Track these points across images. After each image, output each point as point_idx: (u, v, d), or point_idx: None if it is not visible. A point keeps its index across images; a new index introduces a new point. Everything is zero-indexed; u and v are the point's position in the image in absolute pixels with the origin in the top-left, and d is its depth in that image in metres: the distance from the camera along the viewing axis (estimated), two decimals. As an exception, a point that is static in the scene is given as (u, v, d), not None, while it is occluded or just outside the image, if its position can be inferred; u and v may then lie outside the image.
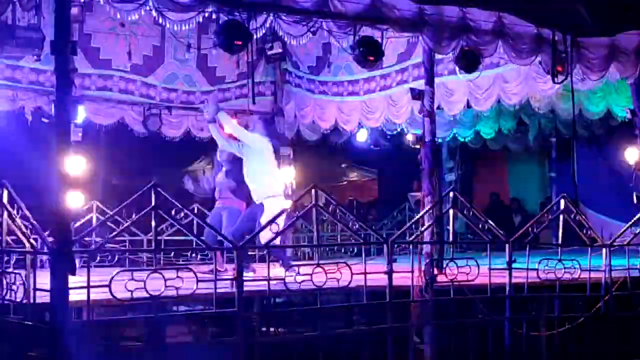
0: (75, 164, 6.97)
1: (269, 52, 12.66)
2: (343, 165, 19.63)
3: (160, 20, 7.77)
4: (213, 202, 10.68)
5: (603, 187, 15.18)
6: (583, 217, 9.64)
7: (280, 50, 12.54)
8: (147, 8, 7.50)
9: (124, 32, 11.67)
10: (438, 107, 10.18)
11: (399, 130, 13.95)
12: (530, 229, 9.13)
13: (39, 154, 13.30)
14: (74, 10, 7.01)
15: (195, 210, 11.60)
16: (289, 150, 13.39)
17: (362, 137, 14.57)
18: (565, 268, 8.94)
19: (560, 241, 9.24)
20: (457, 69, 9.77)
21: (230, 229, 9.53)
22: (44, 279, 6.76)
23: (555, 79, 9.45)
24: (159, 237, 7.54)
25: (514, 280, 8.71)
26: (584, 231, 9.37)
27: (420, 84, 10.21)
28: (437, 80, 9.79)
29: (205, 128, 12.85)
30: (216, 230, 8.40)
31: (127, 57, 11.80)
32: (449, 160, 16.83)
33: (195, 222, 9.50)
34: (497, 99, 11.18)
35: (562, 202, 9.21)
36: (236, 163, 10.01)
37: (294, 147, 13.75)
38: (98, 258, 10.70)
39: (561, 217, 9.21)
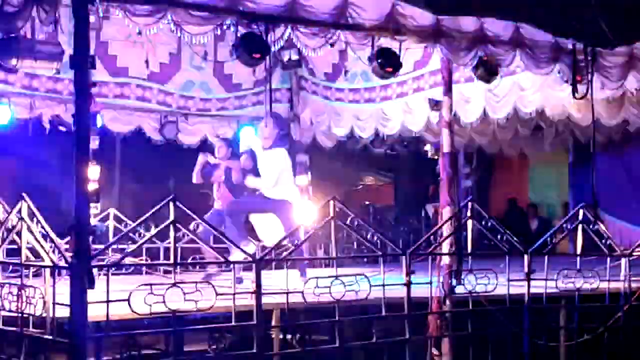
0: (92, 173, 6.96)
1: (285, 59, 12.65)
2: (359, 170, 19.62)
3: (179, 34, 7.76)
4: None
5: (621, 193, 15.12)
6: (602, 225, 9.60)
7: (296, 57, 12.53)
8: (165, 22, 7.52)
9: (141, 40, 11.68)
10: (454, 115, 10.14)
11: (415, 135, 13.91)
12: (548, 238, 9.13)
13: (57, 162, 13.46)
14: (91, 19, 7.01)
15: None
16: (306, 157, 13.39)
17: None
18: (584, 278, 8.93)
19: (579, 251, 9.21)
20: (474, 76, 9.72)
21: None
22: (62, 288, 6.80)
23: (576, 94, 9.42)
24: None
25: (532, 291, 8.69)
26: (603, 241, 9.34)
27: (436, 92, 10.22)
28: (453, 87, 9.76)
29: (221, 135, 12.98)
30: (234, 243, 8.37)
31: (145, 65, 11.81)
32: (466, 165, 16.80)
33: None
34: (514, 107, 11.15)
35: (581, 212, 9.17)
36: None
37: (310, 154, 13.76)
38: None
39: (580, 227, 9.18)
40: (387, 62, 8.58)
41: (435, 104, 9.39)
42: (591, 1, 9.06)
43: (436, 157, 10.94)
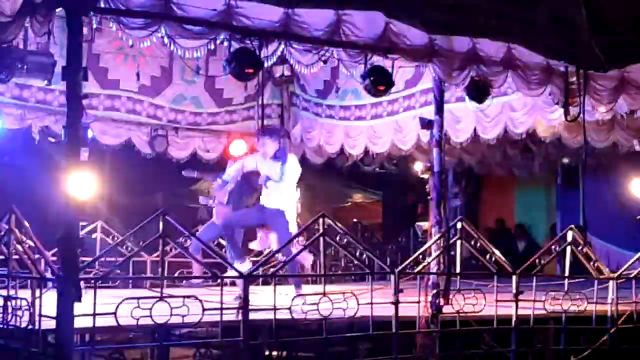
0: (83, 185, 6.93)
1: (277, 75, 12.67)
2: (348, 187, 19.60)
3: (172, 47, 7.76)
4: None
5: (609, 216, 15.14)
6: (590, 248, 9.63)
7: (288, 73, 12.55)
8: (159, 35, 7.51)
9: (133, 53, 11.67)
10: (444, 135, 10.15)
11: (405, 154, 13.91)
12: (536, 259, 9.15)
13: (45, 173, 13.38)
14: (84, 31, 7.01)
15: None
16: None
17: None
18: (571, 300, 8.94)
19: (567, 273, 9.23)
20: (465, 96, 9.74)
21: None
22: (48, 300, 6.75)
23: (568, 117, 9.46)
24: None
25: (520, 312, 8.69)
26: (592, 263, 9.36)
27: (427, 111, 10.23)
28: (444, 107, 9.77)
29: (211, 149, 12.98)
30: (221, 256, 8.34)
31: (136, 78, 11.80)
32: (455, 185, 16.83)
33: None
34: (504, 128, 11.18)
35: (570, 234, 9.19)
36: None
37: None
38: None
39: (568, 248, 9.20)
40: (380, 80, 8.58)
41: (426, 123, 9.39)
42: (584, 25, 9.11)
43: (425, 175, 10.95)
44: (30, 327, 6.76)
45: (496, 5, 8.95)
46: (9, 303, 6.97)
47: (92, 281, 7.02)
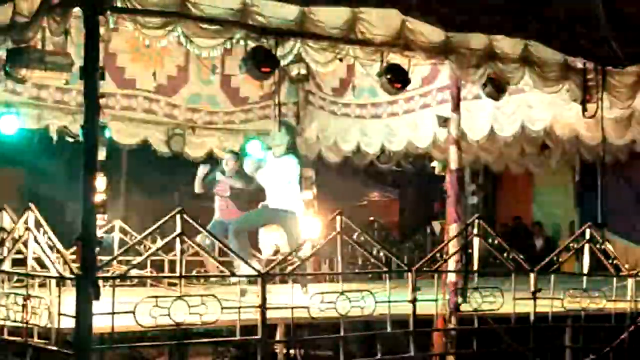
0: (99, 184, 6.96)
1: (293, 73, 12.66)
2: (364, 185, 19.60)
3: (188, 47, 7.77)
4: None
5: (627, 213, 15.07)
6: (608, 245, 9.59)
7: (304, 72, 12.54)
8: (175, 34, 7.53)
9: (149, 53, 11.71)
10: (461, 132, 10.11)
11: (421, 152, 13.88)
12: (554, 257, 9.12)
13: (63, 173, 13.48)
14: (100, 30, 7.03)
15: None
16: (311, 172, 13.39)
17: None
18: (590, 298, 8.91)
19: (585, 270, 9.20)
20: (482, 93, 9.71)
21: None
22: (67, 299, 6.78)
23: (586, 114, 9.41)
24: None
25: (538, 310, 8.66)
26: (610, 260, 9.32)
27: (444, 109, 10.20)
28: (461, 104, 9.74)
29: (227, 148, 12.97)
30: (239, 257, 8.33)
31: (153, 78, 11.83)
32: (471, 183, 16.78)
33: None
34: (521, 125, 11.12)
35: (588, 231, 9.16)
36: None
37: (316, 169, 13.76)
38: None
39: (586, 246, 9.17)
40: (396, 78, 8.57)
41: (443, 121, 9.36)
42: (602, 21, 9.05)
43: (442, 173, 10.93)
44: (49, 326, 6.78)
45: (513, 1, 8.91)
46: (28, 302, 6.99)
47: (111, 280, 7.03)
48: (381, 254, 9.69)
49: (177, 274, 7.23)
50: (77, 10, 7.08)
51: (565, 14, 9.21)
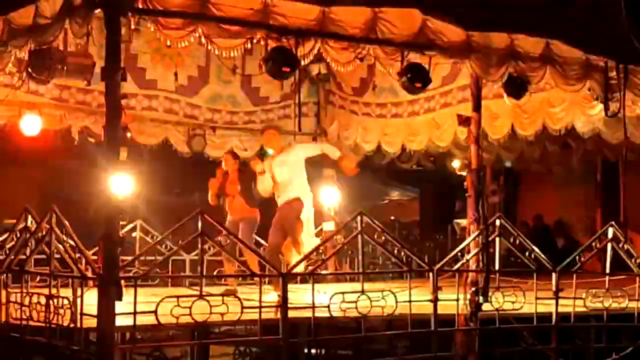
0: (121, 185, 7.00)
1: (313, 73, 12.67)
2: (385, 185, 19.58)
3: (209, 47, 7.80)
4: None
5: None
6: (631, 244, 9.52)
7: (324, 71, 12.55)
8: (196, 35, 7.55)
9: (170, 53, 11.74)
10: (482, 131, 10.08)
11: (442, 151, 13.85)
12: (577, 256, 9.08)
13: (85, 173, 13.52)
14: (122, 31, 7.07)
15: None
16: (332, 172, 13.38)
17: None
18: (612, 297, 8.86)
19: (607, 270, 9.14)
20: (503, 92, 9.66)
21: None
22: (89, 298, 6.83)
23: (608, 112, 9.36)
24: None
25: (560, 309, 8.62)
26: (633, 260, 9.26)
27: (465, 108, 10.17)
28: (482, 103, 9.71)
29: (248, 148, 13.01)
30: (259, 255, 8.37)
31: (173, 78, 11.87)
32: (493, 182, 16.71)
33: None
34: (542, 124, 11.08)
35: (610, 230, 9.11)
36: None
37: (336, 168, 13.72)
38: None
39: (609, 245, 9.12)
40: (417, 78, 8.56)
41: (463, 120, 9.33)
42: (623, 19, 8.99)
43: (463, 172, 10.89)
44: (72, 325, 6.83)
45: (534, 0, 8.87)
46: (51, 302, 7.04)
47: (132, 280, 7.07)
48: (402, 253, 9.66)
49: (198, 274, 7.25)
50: (98, 11, 7.11)
51: (587, 12, 9.16)
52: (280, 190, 9.48)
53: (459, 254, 8.78)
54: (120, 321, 6.67)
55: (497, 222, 8.66)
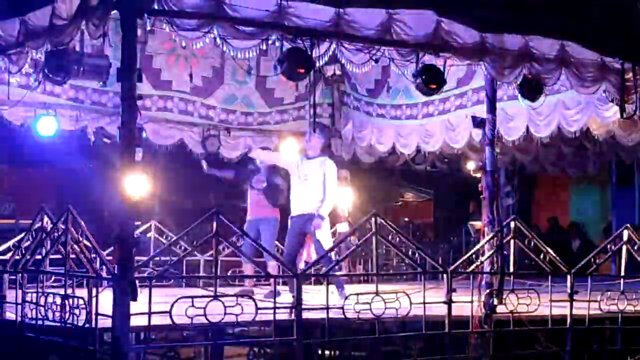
0: (138, 185, 7.03)
1: (328, 74, 12.66)
2: (399, 186, 19.56)
3: (224, 48, 7.82)
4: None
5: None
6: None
7: (339, 73, 12.55)
8: (212, 36, 7.58)
9: (185, 54, 11.77)
10: (497, 133, 10.06)
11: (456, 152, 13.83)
12: (592, 259, 9.06)
13: (101, 173, 13.59)
14: (138, 32, 7.10)
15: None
16: (346, 173, 13.38)
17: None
18: (628, 300, 8.83)
19: (622, 272, 9.12)
20: (517, 94, 9.65)
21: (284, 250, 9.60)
22: (104, 298, 6.85)
23: (624, 114, 9.33)
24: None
25: (575, 312, 8.60)
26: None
27: (479, 110, 10.15)
28: (497, 105, 9.69)
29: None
30: (274, 256, 8.38)
31: (188, 79, 11.89)
32: (507, 184, 16.67)
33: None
34: (557, 126, 11.04)
35: (626, 232, 9.08)
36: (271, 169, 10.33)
37: (350, 169, 13.74)
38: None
39: (624, 247, 9.09)
40: (431, 79, 8.55)
41: (478, 122, 9.31)
42: (638, 20, 8.97)
43: (478, 174, 10.86)
44: (87, 325, 6.85)
45: (549, 1, 8.85)
46: (66, 302, 7.08)
47: (147, 280, 7.09)
48: (416, 255, 9.66)
49: (213, 274, 7.27)
50: (114, 12, 7.15)
51: (603, 14, 9.13)
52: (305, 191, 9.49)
53: (474, 255, 8.76)
54: (134, 321, 6.69)
55: (512, 224, 8.63)
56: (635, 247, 9.16)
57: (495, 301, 8.48)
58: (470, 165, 14.24)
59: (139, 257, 7.70)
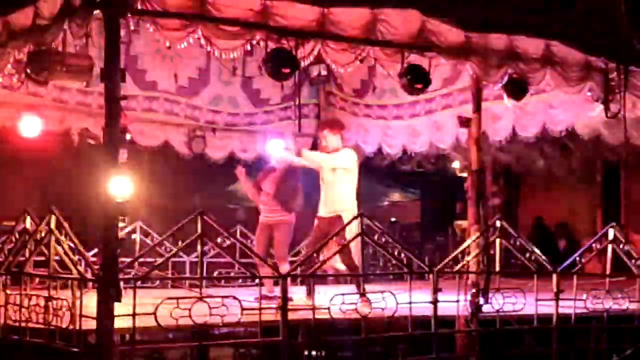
0: (122, 187, 7.00)
1: (313, 75, 12.63)
2: (385, 186, 19.56)
3: (209, 48, 7.79)
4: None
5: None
6: (631, 245, 9.52)
7: (324, 73, 12.51)
8: (196, 36, 7.55)
9: (170, 55, 11.71)
10: (482, 133, 10.08)
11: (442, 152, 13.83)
12: (577, 258, 9.07)
13: (85, 174, 13.50)
14: (121, 33, 7.07)
15: (238, 233, 11.61)
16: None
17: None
18: (613, 299, 8.85)
19: (608, 271, 9.14)
20: (503, 94, 9.66)
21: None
22: (88, 300, 6.81)
23: (608, 114, 9.35)
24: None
25: (560, 311, 8.62)
26: (633, 261, 9.25)
27: (465, 109, 10.16)
28: (482, 105, 9.71)
29: (248, 149, 12.98)
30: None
31: (174, 80, 11.84)
32: (493, 184, 16.70)
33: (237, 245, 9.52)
34: (543, 125, 11.06)
35: (611, 231, 9.10)
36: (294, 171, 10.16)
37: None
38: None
39: (609, 246, 9.11)
40: (417, 79, 8.55)
41: (464, 122, 9.32)
42: (623, 20, 8.99)
43: (464, 174, 10.89)
44: (71, 327, 6.82)
45: (534, 1, 8.86)
46: (50, 303, 7.03)
47: (132, 281, 7.06)
48: (402, 254, 9.66)
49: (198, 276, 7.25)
50: (97, 12, 7.10)
51: (587, 14, 9.15)
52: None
53: (460, 255, 8.77)
54: (119, 323, 6.67)
55: (497, 224, 8.64)
56: (621, 246, 9.18)
57: (482, 300, 8.49)
58: (457, 165, 14.28)
59: (124, 259, 7.65)
